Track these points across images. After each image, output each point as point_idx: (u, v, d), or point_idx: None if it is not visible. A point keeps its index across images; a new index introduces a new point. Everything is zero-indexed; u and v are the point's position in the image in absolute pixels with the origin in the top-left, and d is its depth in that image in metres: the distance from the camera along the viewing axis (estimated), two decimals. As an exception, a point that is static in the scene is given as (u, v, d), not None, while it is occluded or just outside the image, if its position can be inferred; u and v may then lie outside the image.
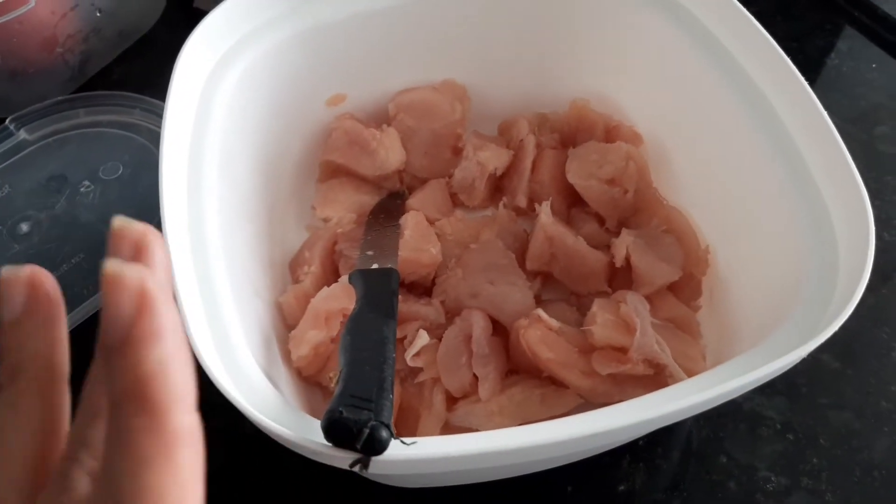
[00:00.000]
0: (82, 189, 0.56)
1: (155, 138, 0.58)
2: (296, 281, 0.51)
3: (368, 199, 0.56)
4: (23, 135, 0.58)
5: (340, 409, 0.29)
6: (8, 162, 0.57)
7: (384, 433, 0.29)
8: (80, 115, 0.60)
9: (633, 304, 0.45)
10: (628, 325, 0.44)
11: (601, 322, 0.44)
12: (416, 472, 0.33)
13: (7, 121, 0.58)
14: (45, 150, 0.58)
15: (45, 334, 0.23)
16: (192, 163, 0.44)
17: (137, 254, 0.22)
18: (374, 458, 0.29)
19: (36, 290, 0.23)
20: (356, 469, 0.29)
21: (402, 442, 0.29)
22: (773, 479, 0.45)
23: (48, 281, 0.23)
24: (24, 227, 0.54)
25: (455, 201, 0.57)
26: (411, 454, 0.29)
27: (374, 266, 0.45)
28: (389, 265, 0.45)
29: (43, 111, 0.59)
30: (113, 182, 0.56)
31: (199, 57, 0.47)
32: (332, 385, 0.33)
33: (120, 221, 0.22)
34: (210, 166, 0.44)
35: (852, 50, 0.69)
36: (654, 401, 0.33)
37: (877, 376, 0.49)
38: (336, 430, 0.29)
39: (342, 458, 0.30)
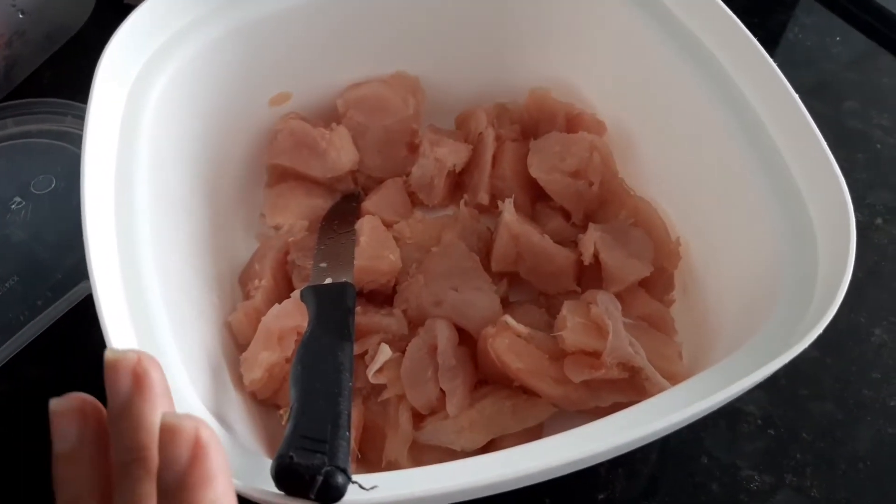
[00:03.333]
0: (13, 206, 0.52)
1: None
2: (246, 296, 0.48)
3: (321, 203, 0.53)
4: (-53, 149, 0.54)
5: (291, 453, 0.27)
6: (-72, 180, 0.53)
7: (340, 479, 0.26)
8: (7, 126, 0.55)
9: (605, 305, 0.43)
10: (600, 327, 0.42)
11: (571, 326, 0.42)
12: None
13: None
14: None
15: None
16: (119, 174, 0.40)
17: (136, 384, 0.24)
18: (331, 505, 0.26)
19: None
20: (312, 519, 0.26)
21: (361, 487, 0.26)
22: (756, 477, 0.43)
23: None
24: None
25: (414, 201, 0.54)
26: (371, 499, 0.27)
27: (328, 280, 0.42)
28: (344, 279, 0.42)
29: None
30: (46, 196, 0.52)
31: (124, 57, 0.43)
32: (283, 423, 0.30)
33: (111, 354, 0.24)
34: (140, 179, 0.41)
35: (816, 23, 0.67)
36: (638, 417, 0.31)
37: (857, 364, 0.47)
38: (287, 478, 0.26)
39: (296, 507, 0.27)
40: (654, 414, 0.32)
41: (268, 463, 0.30)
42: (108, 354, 0.24)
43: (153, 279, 0.37)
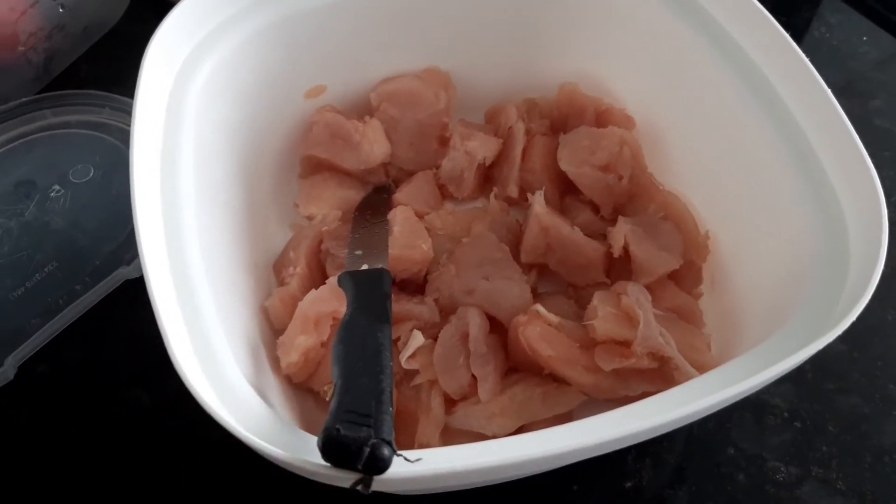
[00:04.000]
0: (52, 194, 0.53)
1: (126, 138, 0.54)
2: (281, 283, 0.49)
3: (353, 195, 0.54)
4: (-13, 138, 0.55)
5: (338, 426, 0.27)
6: (-28, 169, 0.54)
7: (386, 451, 0.27)
8: (46, 117, 0.56)
9: (635, 296, 0.43)
10: (630, 317, 0.43)
11: (602, 315, 0.42)
12: (420, 488, 0.31)
13: None
14: (11, 155, 0.55)
15: None
16: (164, 164, 0.41)
17: None
18: (377, 478, 0.27)
19: None
20: (358, 489, 0.27)
21: (406, 459, 0.27)
22: (782, 469, 0.44)
23: None
24: None
25: (444, 193, 0.55)
26: (415, 471, 0.28)
27: (364, 266, 0.43)
28: (380, 265, 0.43)
29: (7, 113, 0.56)
30: (84, 185, 0.53)
31: (167, 52, 0.45)
32: (328, 398, 0.31)
33: None
34: (185, 167, 0.42)
35: (842, 23, 0.68)
36: (669, 402, 0.32)
37: (883, 359, 0.48)
38: (334, 450, 0.27)
39: (341, 479, 0.28)
40: (683, 399, 0.32)
41: (311, 438, 0.31)
42: None
43: (198, 263, 0.38)
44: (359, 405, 0.29)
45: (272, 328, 0.47)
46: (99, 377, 0.47)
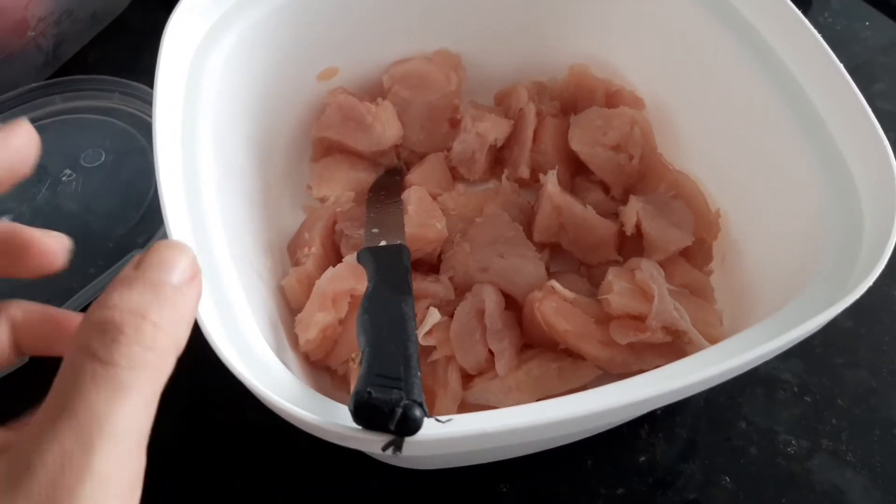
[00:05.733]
0: (64, 178, 0.53)
1: (136, 122, 0.55)
2: (296, 264, 0.49)
3: (365, 177, 0.54)
4: (-4, 125, 0.55)
5: (369, 389, 0.28)
6: (-18, 154, 0.54)
7: (417, 412, 0.27)
8: (56, 102, 0.57)
9: (649, 271, 0.44)
10: (645, 291, 0.43)
11: (617, 290, 0.43)
12: (450, 451, 0.31)
13: None
14: None
15: None
16: (185, 146, 0.41)
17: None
18: (408, 439, 0.28)
19: None
20: (389, 451, 0.28)
21: (437, 420, 0.28)
22: (793, 442, 0.45)
23: None
24: (6, 220, 0.51)
25: (455, 175, 0.56)
26: (448, 433, 0.28)
27: (383, 243, 0.43)
28: (399, 241, 0.43)
29: (17, 99, 0.57)
30: (96, 169, 0.54)
31: (183, 35, 0.45)
32: (356, 365, 0.31)
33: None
34: (204, 149, 0.42)
35: (845, 8, 0.68)
36: (681, 370, 0.32)
37: (890, 334, 0.49)
38: (366, 412, 0.28)
39: (373, 441, 0.28)
40: (695, 367, 0.32)
41: (339, 406, 0.31)
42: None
43: (223, 243, 0.39)
44: (388, 369, 0.29)
45: (289, 307, 0.47)
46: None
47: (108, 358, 0.21)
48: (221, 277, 0.37)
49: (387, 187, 0.53)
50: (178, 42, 0.44)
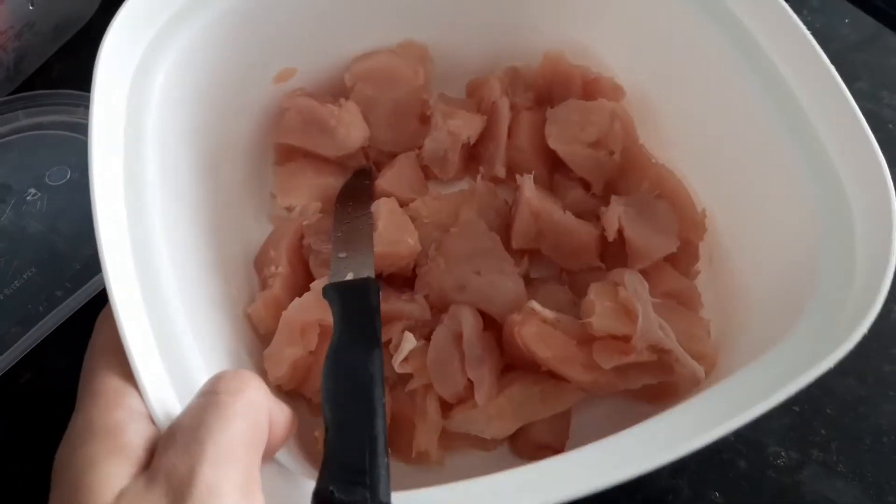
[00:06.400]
0: (28, 198, 0.51)
1: None
2: (263, 283, 0.47)
3: (333, 181, 0.51)
4: (-43, 143, 0.52)
5: (331, 487, 0.26)
6: (-57, 173, 0.51)
7: (384, 516, 0.26)
8: (19, 118, 0.53)
9: (633, 286, 0.42)
10: (629, 310, 0.41)
11: (600, 311, 0.41)
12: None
13: None
14: None
15: None
16: (127, 168, 0.38)
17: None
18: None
19: None
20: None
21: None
22: (782, 453, 0.44)
23: None
24: None
25: (428, 174, 0.53)
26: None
27: (350, 275, 0.41)
28: (366, 273, 0.40)
29: None
30: (61, 188, 0.51)
31: (125, 43, 0.41)
32: (318, 446, 0.30)
33: None
34: (149, 167, 0.39)
35: (824, 5, 0.64)
36: (665, 440, 0.31)
37: (877, 340, 0.47)
38: (329, 516, 0.26)
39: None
40: (682, 434, 0.31)
41: (303, 483, 0.29)
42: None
43: (168, 270, 0.36)
44: (352, 458, 0.27)
45: (257, 333, 0.45)
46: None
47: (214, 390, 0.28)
48: (169, 315, 0.34)
49: (356, 195, 0.50)
50: (118, 53, 0.40)
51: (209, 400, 0.28)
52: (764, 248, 0.44)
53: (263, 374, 0.42)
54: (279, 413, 0.30)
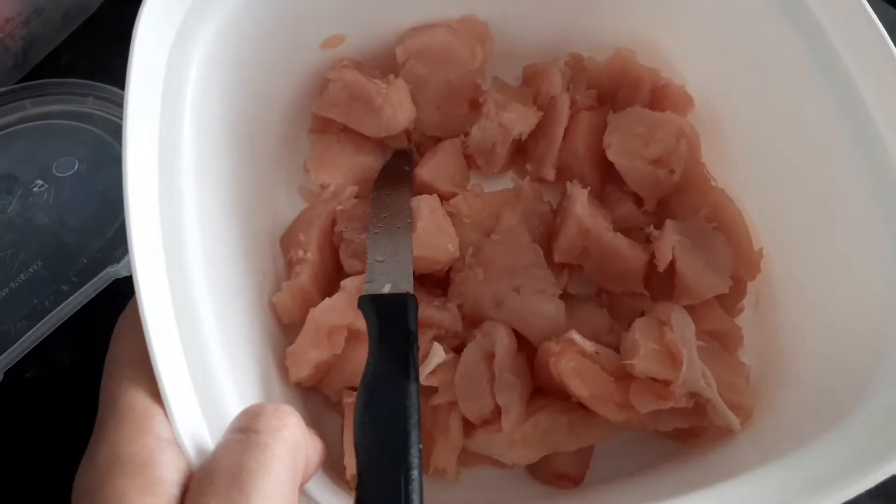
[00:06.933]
0: (35, 189, 0.47)
1: (111, 128, 0.49)
2: (289, 264, 0.45)
3: (371, 162, 0.48)
4: (-37, 132, 0.48)
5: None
6: (-52, 162, 0.47)
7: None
8: (27, 107, 0.50)
9: (680, 329, 0.40)
10: (673, 355, 0.39)
11: (644, 354, 0.39)
12: None
13: None
14: None
15: None
16: (163, 133, 0.35)
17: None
18: None
19: None
20: None
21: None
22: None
23: None
24: None
25: (471, 163, 0.50)
26: None
27: (387, 287, 0.38)
28: (405, 288, 0.38)
29: None
30: (69, 179, 0.48)
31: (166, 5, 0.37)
32: (351, 491, 0.28)
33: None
34: (186, 127, 0.36)
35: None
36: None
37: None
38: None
39: None
40: None
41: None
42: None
43: (196, 243, 0.34)
44: (384, 505, 0.26)
45: (279, 322, 0.43)
46: (90, 381, 0.43)
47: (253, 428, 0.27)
48: (193, 301, 0.32)
49: (394, 180, 0.47)
50: (159, 11, 0.36)
51: (249, 440, 0.26)
52: (823, 299, 0.41)
53: (284, 371, 0.41)
54: (313, 450, 0.29)
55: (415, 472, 0.28)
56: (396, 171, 0.48)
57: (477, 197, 0.47)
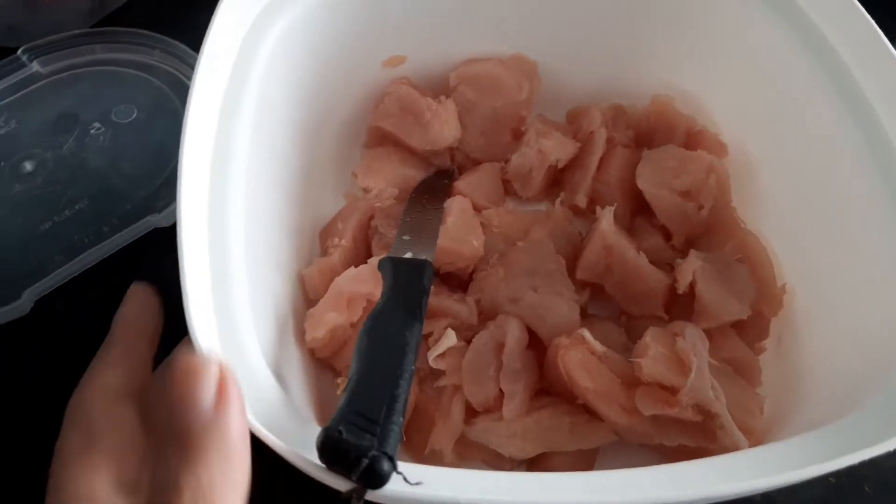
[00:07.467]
0: (92, 131, 0.51)
1: (173, 82, 0.52)
2: (324, 252, 0.47)
3: (414, 174, 0.52)
4: (35, 67, 0.53)
5: (340, 428, 0.25)
6: (17, 95, 0.52)
7: (385, 466, 0.25)
8: (96, 52, 0.54)
9: (692, 340, 0.40)
10: (683, 362, 0.39)
11: (653, 355, 0.39)
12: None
13: (20, 51, 0.54)
14: (57, 86, 0.53)
15: None
16: (223, 117, 0.39)
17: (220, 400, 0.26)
18: (371, 490, 0.25)
19: None
20: (351, 499, 0.25)
21: (406, 480, 0.25)
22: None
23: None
24: (28, 165, 0.50)
25: (507, 189, 0.52)
26: (414, 493, 0.25)
27: (409, 255, 0.40)
28: (424, 257, 0.40)
29: (58, 43, 0.54)
30: (126, 126, 0.51)
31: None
32: (339, 392, 0.29)
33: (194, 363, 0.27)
34: (244, 116, 0.40)
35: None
36: (698, 475, 0.28)
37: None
38: (332, 453, 0.25)
39: (335, 483, 0.26)
40: (718, 477, 0.29)
41: (316, 432, 0.29)
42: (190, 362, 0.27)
43: (238, 216, 0.36)
44: (368, 408, 0.26)
45: (306, 297, 0.45)
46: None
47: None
48: (229, 266, 0.34)
49: (432, 190, 0.50)
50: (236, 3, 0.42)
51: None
52: (842, 346, 0.40)
53: (303, 342, 0.42)
54: None
55: (403, 382, 0.29)
56: (436, 185, 0.51)
57: (508, 213, 0.49)
